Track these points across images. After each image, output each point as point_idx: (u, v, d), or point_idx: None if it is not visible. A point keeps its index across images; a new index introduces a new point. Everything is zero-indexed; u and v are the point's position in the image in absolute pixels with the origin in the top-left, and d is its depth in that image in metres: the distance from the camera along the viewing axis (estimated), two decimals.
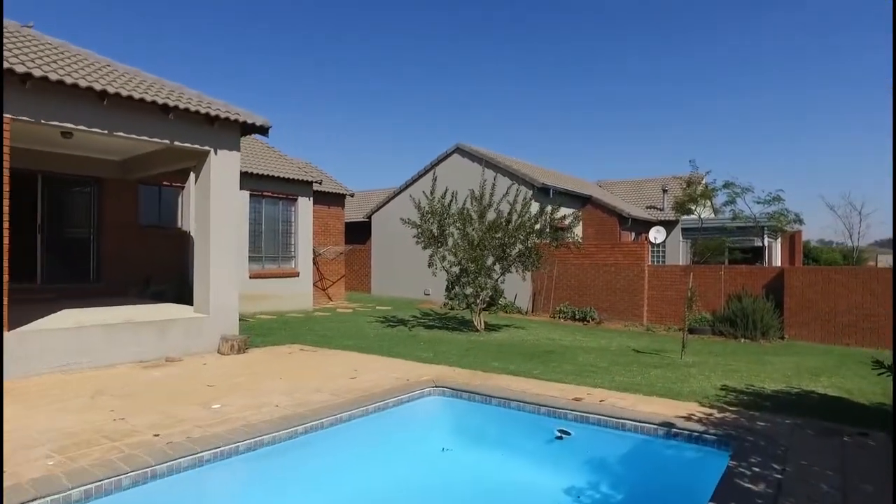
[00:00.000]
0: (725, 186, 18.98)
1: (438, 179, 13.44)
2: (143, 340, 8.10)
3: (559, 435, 5.25)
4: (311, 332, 11.43)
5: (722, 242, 21.18)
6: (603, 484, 4.65)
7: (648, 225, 22.55)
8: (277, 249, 15.85)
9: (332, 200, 19.05)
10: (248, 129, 9.47)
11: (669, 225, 23.39)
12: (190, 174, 11.32)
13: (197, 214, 9.46)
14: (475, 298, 12.23)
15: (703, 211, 21.82)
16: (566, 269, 16.47)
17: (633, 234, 22.04)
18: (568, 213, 12.72)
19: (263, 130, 9.59)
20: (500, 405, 5.89)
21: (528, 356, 9.12)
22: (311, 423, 5.10)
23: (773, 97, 71.68)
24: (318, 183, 16.63)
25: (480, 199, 12.17)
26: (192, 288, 9.55)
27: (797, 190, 70.29)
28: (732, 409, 5.68)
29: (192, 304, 9.46)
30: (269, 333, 11.07)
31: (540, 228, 12.10)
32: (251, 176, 14.79)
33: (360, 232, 24.15)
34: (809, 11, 59.19)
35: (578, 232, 20.22)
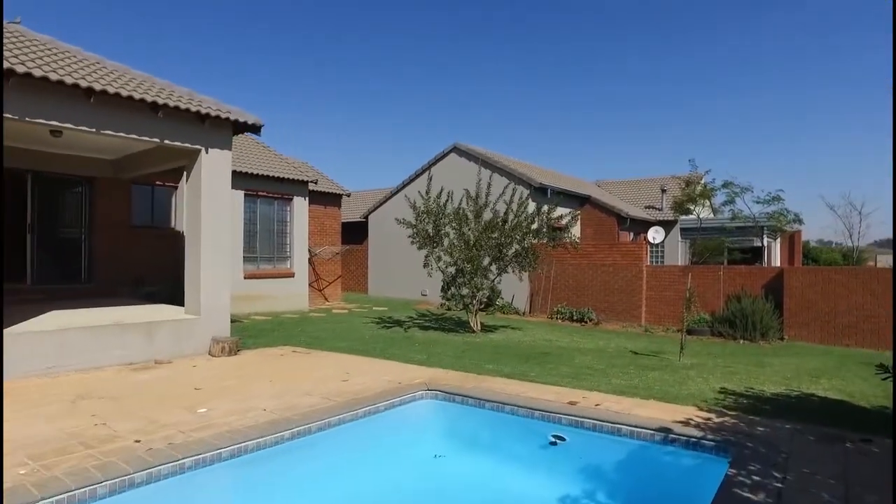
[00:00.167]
0: (724, 186, 18.84)
1: (435, 179, 13.30)
2: (130, 342, 7.96)
3: (553, 441, 5.11)
4: (304, 333, 11.28)
5: (721, 242, 21.05)
6: (598, 492, 4.51)
7: (647, 225, 22.42)
8: (272, 250, 15.70)
9: (328, 200, 18.90)
10: (239, 127, 9.32)
11: (668, 225, 23.26)
12: (184, 174, 11.18)
13: (188, 214, 9.32)
14: (471, 299, 12.09)
15: (702, 211, 21.68)
16: (564, 269, 16.34)
17: (631, 234, 21.91)
18: (565, 212, 12.56)
19: (255, 129, 9.45)
20: (493, 409, 5.75)
21: (523, 358, 8.98)
22: (298, 427, 4.96)
23: (773, 97, 71.70)
24: (313, 183, 16.48)
25: (476, 198, 12.03)
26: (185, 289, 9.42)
27: (796, 190, 70.32)
28: (731, 413, 5.54)
29: (184, 305, 9.32)
30: (262, 335, 10.92)
31: (536, 228, 11.96)
32: (246, 175, 14.65)
33: (357, 232, 23.99)
34: (809, 11, 59.12)
35: (576, 232, 20.10)
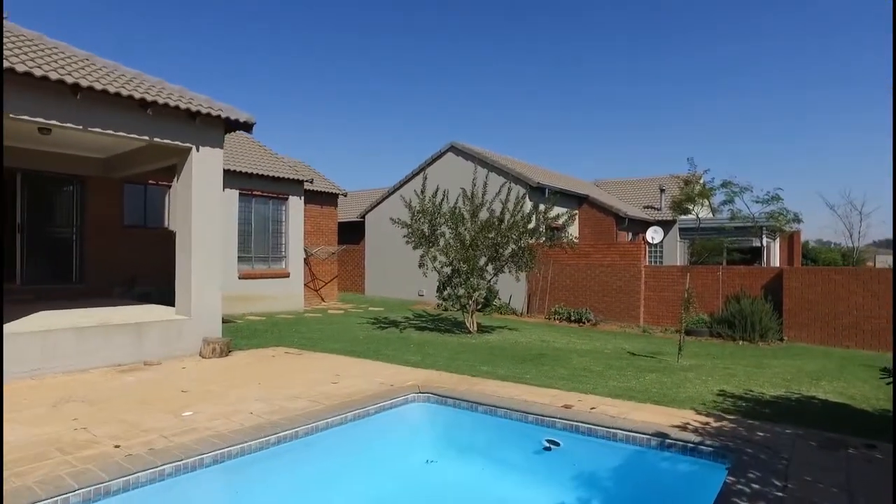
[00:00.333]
0: (724, 185, 18.74)
1: (432, 179, 13.18)
2: (119, 344, 7.81)
3: (547, 446, 4.97)
4: (298, 334, 11.13)
5: (720, 243, 20.95)
6: (593, 501, 4.37)
7: (646, 225, 22.31)
8: (267, 249, 15.55)
9: (324, 200, 18.76)
10: (231, 125, 9.18)
11: (667, 225, 23.15)
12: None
13: (179, 213, 9.17)
14: (468, 300, 11.95)
15: (700, 210, 21.57)
16: (562, 269, 16.20)
17: (630, 234, 21.78)
18: (562, 212, 12.42)
19: (248, 127, 9.30)
20: (486, 413, 5.60)
21: (519, 359, 8.84)
22: (284, 432, 4.81)
23: (772, 97, 71.45)
24: (309, 182, 16.33)
25: (472, 197, 11.89)
26: None
27: (795, 189, 70.08)
28: (730, 417, 5.40)
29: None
30: (255, 335, 10.77)
31: (533, 228, 11.81)
32: (240, 174, 14.50)
33: (354, 232, 23.85)
34: (809, 12, 59.01)
35: (574, 232, 19.97)
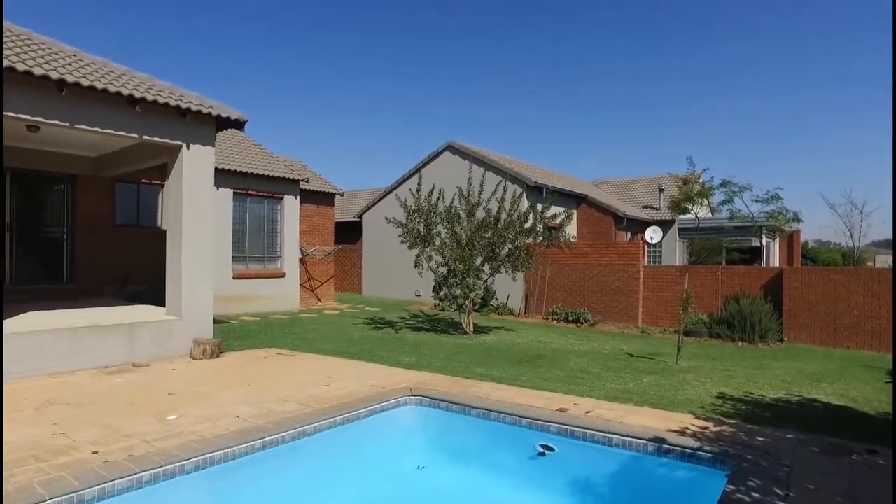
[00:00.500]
0: (723, 185, 18.56)
1: (430, 178, 13.05)
2: (108, 345, 7.67)
3: (541, 451, 4.82)
4: (292, 334, 10.99)
5: (719, 242, 20.81)
6: None
7: (645, 225, 22.17)
8: (262, 249, 15.40)
9: (321, 199, 18.62)
10: (223, 122, 9.04)
11: (666, 225, 23.01)
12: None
13: (169, 212, 9.03)
14: (464, 300, 11.81)
15: (700, 210, 21.43)
16: (559, 269, 16.06)
17: (628, 233, 21.64)
18: (559, 211, 12.27)
19: (239, 125, 9.16)
20: (479, 416, 5.46)
21: (515, 361, 8.70)
22: (270, 437, 4.67)
23: (772, 96, 71.26)
24: (304, 181, 16.18)
25: (468, 196, 11.75)
26: None
27: (795, 189, 69.83)
28: (730, 421, 5.26)
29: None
30: (248, 336, 10.63)
31: (529, 227, 11.67)
32: (235, 173, 14.36)
33: (351, 232, 23.69)
34: (809, 11, 58.91)
35: (572, 231, 19.83)
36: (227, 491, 4.27)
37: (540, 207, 11.89)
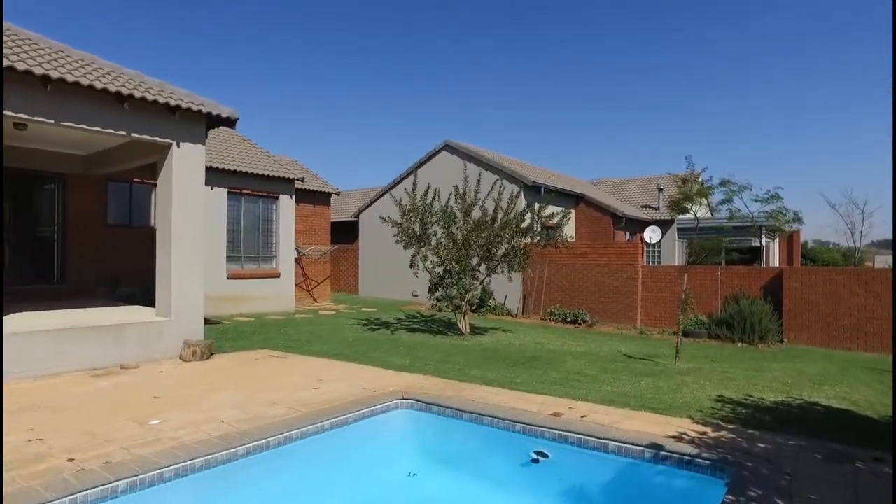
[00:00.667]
0: (722, 184, 18.45)
1: (427, 178, 12.90)
2: (94, 346, 7.51)
3: (535, 458, 4.67)
4: (285, 335, 10.83)
5: (718, 242, 20.67)
6: None
7: (643, 224, 22.02)
8: (257, 249, 15.24)
9: (317, 199, 18.44)
10: (213, 120, 8.89)
11: (665, 224, 22.87)
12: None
13: (159, 211, 8.88)
14: (461, 300, 11.65)
15: (699, 210, 21.29)
16: (557, 269, 15.91)
17: (627, 233, 21.48)
18: (556, 210, 12.12)
19: (230, 122, 9.00)
20: (472, 421, 5.31)
21: (511, 363, 8.54)
22: (254, 442, 4.52)
23: (772, 95, 71.03)
24: (300, 180, 16.02)
25: (465, 196, 11.59)
26: None
27: (795, 188, 69.61)
28: (729, 426, 5.11)
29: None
30: (241, 337, 10.48)
31: (526, 227, 11.52)
32: (229, 173, 14.20)
33: (348, 232, 23.53)
34: (809, 11, 58.76)
35: (571, 231, 19.67)
36: (207, 500, 4.11)
37: (537, 207, 11.74)
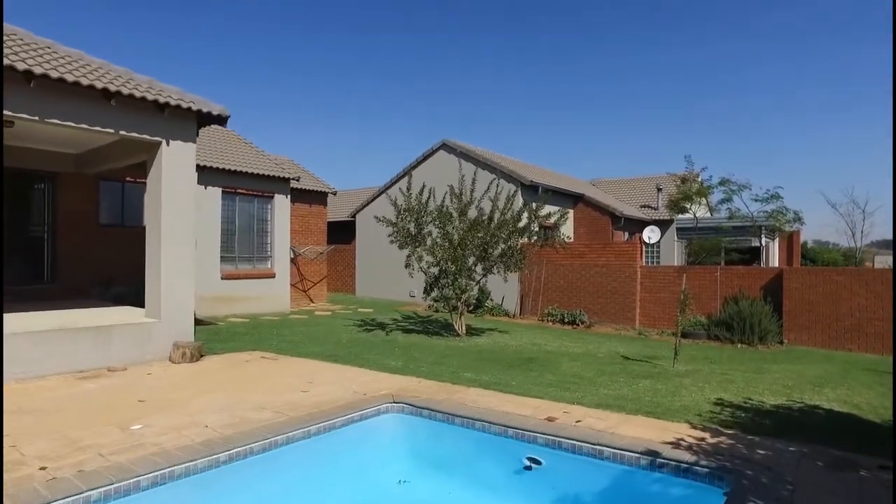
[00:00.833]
0: (722, 184, 18.29)
1: (424, 177, 12.78)
2: (81, 348, 7.35)
3: (528, 464, 4.52)
4: (279, 336, 10.68)
5: (718, 242, 20.53)
6: None
7: (642, 224, 21.88)
8: (252, 249, 15.09)
9: (313, 199, 18.29)
10: (204, 118, 8.72)
11: (664, 224, 22.73)
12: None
13: (149, 210, 8.74)
14: (457, 301, 11.50)
15: (698, 210, 21.14)
16: (555, 269, 15.76)
17: (626, 233, 21.34)
18: (553, 210, 11.96)
19: (221, 120, 8.85)
20: (464, 426, 5.16)
21: (506, 365, 8.40)
22: (237, 449, 4.36)
23: (773, 94, 70.84)
24: (295, 180, 15.86)
25: (461, 195, 11.44)
26: None
27: (794, 187, 69.37)
28: (728, 431, 4.96)
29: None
30: (233, 338, 10.33)
31: (523, 227, 11.36)
32: (224, 172, 14.05)
33: (345, 231, 23.39)
34: (810, 10, 58.62)
35: (569, 231, 19.52)
36: None
37: (534, 206, 11.59)
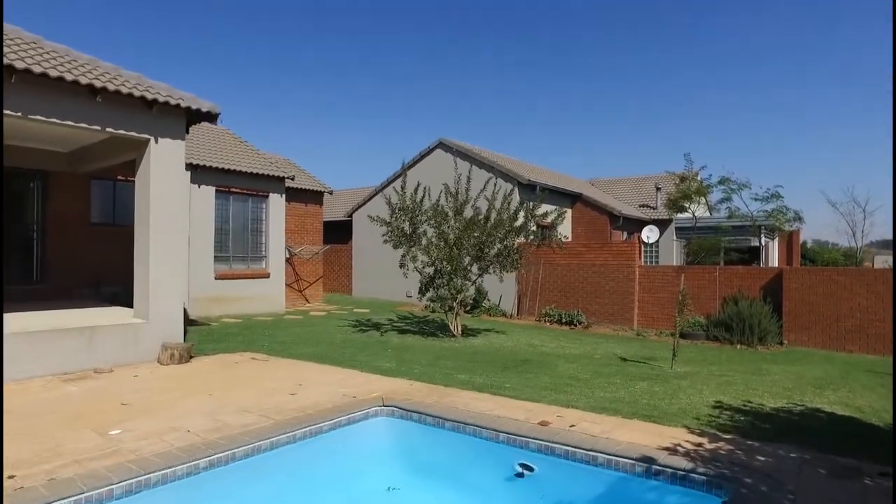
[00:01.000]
0: (721, 182, 18.14)
1: (421, 176, 12.63)
2: (67, 349, 7.20)
3: (520, 471, 4.37)
4: (271, 337, 10.53)
5: (717, 242, 20.37)
6: None
7: (641, 224, 21.74)
8: (246, 249, 14.93)
9: (309, 198, 18.14)
10: (193, 115, 8.58)
11: (663, 224, 22.59)
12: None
13: (137, 209, 8.58)
14: (452, 301, 11.35)
15: (697, 209, 20.99)
16: (553, 269, 15.61)
17: (624, 233, 21.19)
18: (550, 209, 11.81)
19: (211, 117, 8.70)
20: (455, 430, 5.01)
21: (501, 366, 8.24)
22: (218, 454, 4.22)
23: (772, 93, 70.66)
24: (290, 179, 15.70)
25: (456, 194, 11.28)
26: None
27: (794, 186, 69.19)
28: (727, 436, 4.80)
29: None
30: (225, 339, 10.18)
31: (519, 226, 11.21)
32: (217, 171, 13.89)
33: (342, 231, 23.23)
34: (810, 8, 58.47)
35: (567, 231, 19.37)
36: None
37: (530, 205, 11.44)
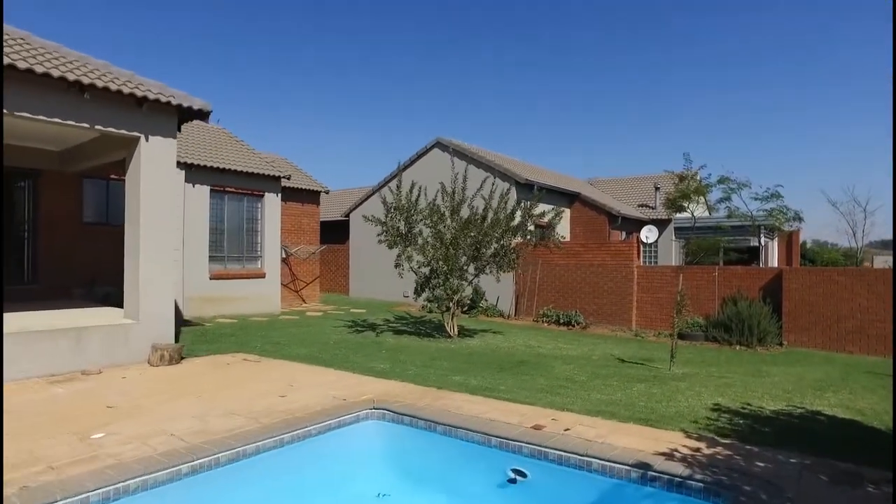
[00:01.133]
0: (720, 182, 17.98)
1: (419, 176, 12.55)
2: (55, 351, 7.08)
3: (513, 477, 4.24)
4: (265, 338, 10.40)
5: (716, 242, 20.24)
6: None
7: (640, 224, 21.63)
8: (242, 249, 14.80)
9: (305, 198, 18.01)
10: (185, 113, 8.47)
11: (662, 224, 22.47)
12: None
13: (127, 208, 8.46)
14: (448, 301, 11.23)
15: (696, 208, 20.86)
16: (551, 269, 15.49)
17: (623, 233, 21.07)
18: (548, 208, 11.68)
19: (203, 115, 8.59)
20: (446, 434, 4.88)
21: (497, 368, 8.12)
22: (201, 459, 4.09)
23: (773, 92, 70.45)
24: (286, 178, 15.57)
25: (453, 194, 11.16)
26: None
27: (794, 186, 68.96)
28: (725, 441, 4.68)
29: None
30: (218, 340, 10.06)
31: (516, 226, 11.09)
32: (212, 170, 13.76)
33: (339, 231, 23.11)
34: (810, 8, 58.33)
35: (564, 230, 19.24)
36: None
37: (528, 204, 11.32)
